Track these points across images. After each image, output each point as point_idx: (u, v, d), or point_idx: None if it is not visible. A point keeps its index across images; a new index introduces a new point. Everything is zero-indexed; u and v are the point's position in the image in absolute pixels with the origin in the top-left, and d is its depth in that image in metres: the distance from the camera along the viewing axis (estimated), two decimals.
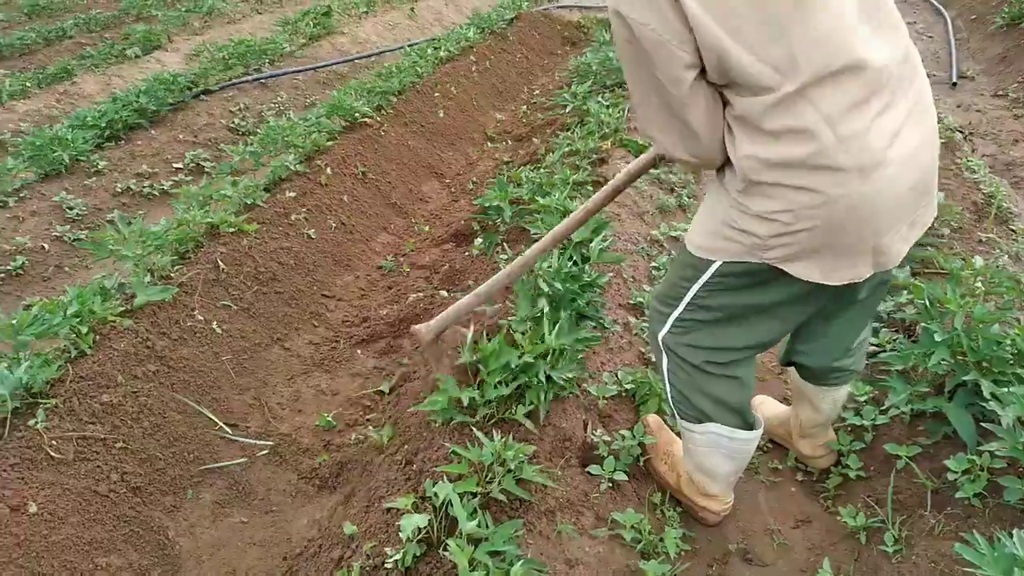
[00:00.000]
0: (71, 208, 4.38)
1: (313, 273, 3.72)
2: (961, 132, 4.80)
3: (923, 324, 2.28)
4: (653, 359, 2.20)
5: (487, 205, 3.70)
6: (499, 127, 5.98)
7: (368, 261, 4.05)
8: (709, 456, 1.99)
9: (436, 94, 5.77)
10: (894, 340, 2.61)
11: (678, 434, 2.19)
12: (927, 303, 2.36)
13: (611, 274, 3.10)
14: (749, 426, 1.95)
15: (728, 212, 1.57)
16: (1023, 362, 2.13)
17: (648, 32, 1.37)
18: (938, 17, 8.44)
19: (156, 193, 4.80)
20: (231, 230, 3.57)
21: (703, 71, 1.42)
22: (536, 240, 2.62)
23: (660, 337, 1.85)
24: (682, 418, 1.96)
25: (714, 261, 1.65)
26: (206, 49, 6.68)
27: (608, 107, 4.72)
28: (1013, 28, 6.75)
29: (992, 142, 4.87)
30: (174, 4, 9.18)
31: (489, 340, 2.42)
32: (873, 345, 2.64)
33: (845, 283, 1.55)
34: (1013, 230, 3.28)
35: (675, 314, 1.78)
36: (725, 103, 1.48)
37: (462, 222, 4.23)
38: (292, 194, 4.00)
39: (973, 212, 3.37)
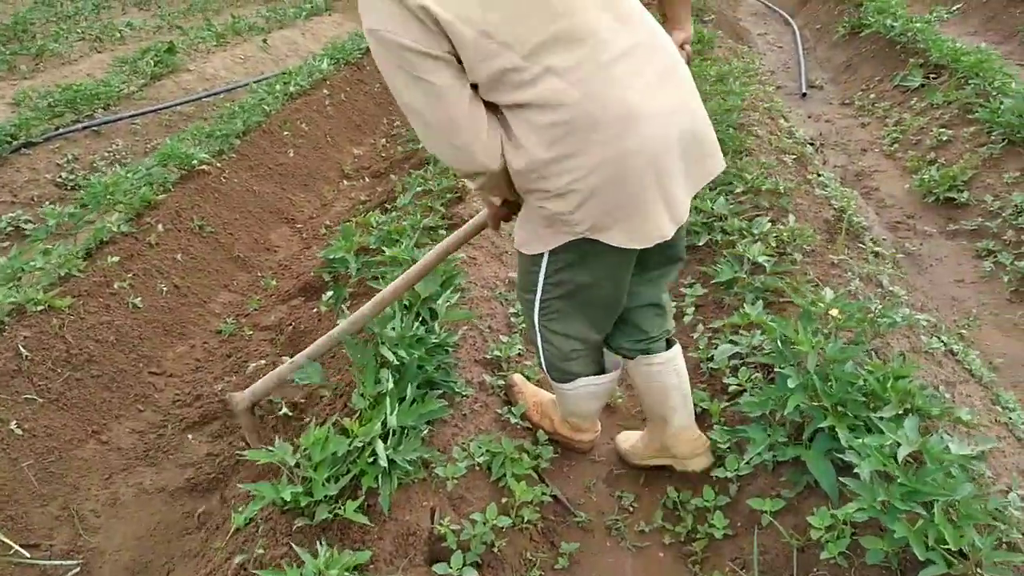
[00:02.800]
0: None
1: (139, 348, 3.34)
2: (812, 144, 4.87)
3: (777, 368, 2.16)
4: (529, 338, 2.43)
5: (332, 257, 3.42)
6: (356, 163, 5.69)
7: (205, 326, 3.69)
8: (579, 402, 2.31)
9: (286, 132, 5.43)
10: (752, 379, 2.49)
11: (537, 383, 2.72)
12: (779, 343, 2.25)
13: (465, 327, 2.88)
14: (603, 370, 2.24)
15: (535, 210, 1.72)
16: (878, 403, 2.04)
17: (410, 44, 1.48)
18: (787, 27, 8.73)
19: None
20: (39, 308, 3.15)
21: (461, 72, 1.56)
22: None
23: (535, 319, 2.03)
24: (556, 381, 2.21)
25: (543, 253, 1.81)
26: (28, 96, 6.08)
27: None
28: (854, 37, 7.02)
29: (842, 152, 4.97)
30: None
31: (319, 424, 2.16)
32: (733, 383, 2.53)
33: (654, 243, 1.69)
34: (862, 245, 3.27)
35: (538, 296, 1.95)
36: (494, 110, 1.63)
37: (311, 274, 3.93)
38: (115, 259, 3.60)
39: (824, 232, 3.34)
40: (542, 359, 2.16)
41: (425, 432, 2.26)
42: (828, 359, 2.15)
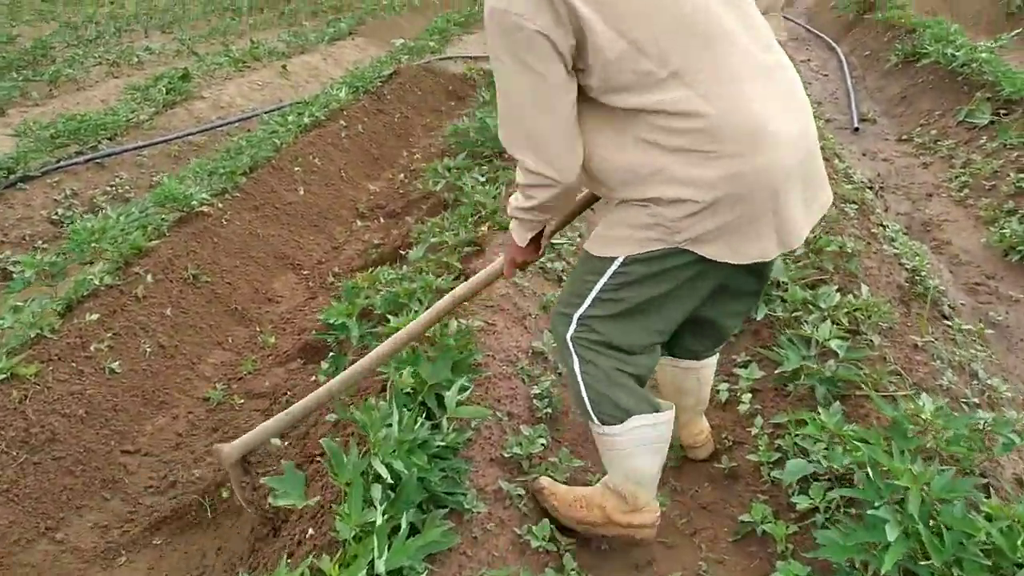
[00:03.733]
0: None
1: (112, 422, 2.95)
2: (871, 187, 4.39)
3: (870, 512, 1.70)
4: (563, 370, 2.16)
5: (332, 322, 3.01)
6: (372, 201, 5.31)
7: (192, 392, 3.30)
8: (635, 457, 1.97)
9: (296, 168, 5.07)
10: (829, 501, 2.02)
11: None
12: (868, 472, 1.79)
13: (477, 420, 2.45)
14: (658, 408, 1.94)
15: (627, 212, 1.66)
16: (1004, 564, 1.57)
17: (536, 29, 1.47)
18: (831, 53, 8.26)
19: None
20: (0, 377, 2.78)
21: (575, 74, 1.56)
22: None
23: (568, 337, 1.85)
24: (603, 423, 1.92)
25: (616, 257, 1.70)
26: (30, 127, 5.79)
27: (485, 183, 4.12)
28: (908, 66, 6.53)
29: (904, 197, 4.48)
30: (12, 70, 8.21)
31: (290, 557, 1.73)
32: (806, 499, 2.07)
33: (753, 261, 1.62)
34: (948, 322, 2.79)
35: (579, 312, 1.81)
36: (602, 112, 1.60)
37: (314, 333, 3.53)
38: (95, 316, 3.22)
39: (899, 300, 2.87)
40: (583, 391, 1.89)
41: (425, 574, 1.82)
42: (935, 494, 1.69)
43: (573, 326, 1.83)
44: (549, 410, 2.68)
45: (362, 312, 3.05)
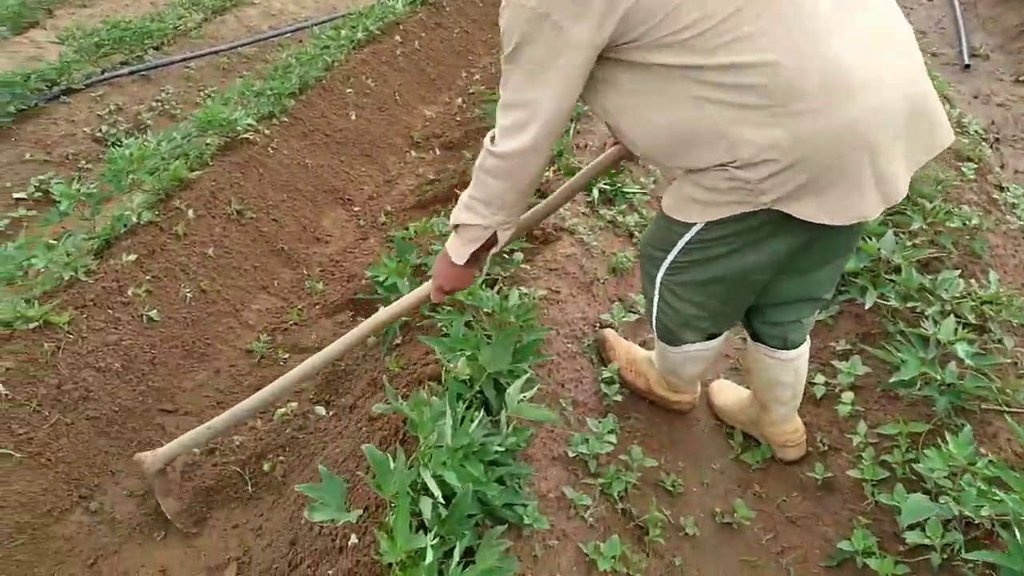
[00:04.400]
0: None
1: (149, 377, 2.77)
2: (985, 139, 3.90)
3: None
4: (643, 294, 2.09)
5: (377, 278, 2.75)
6: (427, 128, 4.96)
7: (235, 343, 3.10)
8: (682, 365, 2.11)
9: (348, 90, 4.73)
10: (950, 542, 1.73)
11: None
12: (1017, 535, 1.49)
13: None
14: (716, 336, 2.01)
15: (702, 176, 1.51)
16: None
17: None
18: None
19: None
20: (31, 326, 2.60)
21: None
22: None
23: (659, 278, 1.82)
24: (661, 340, 2.03)
25: (694, 224, 1.62)
26: (72, 34, 5.51)
27: None
28: None
29: None
30: None
31: None
32: (919, 535, 1.79)
33: (851, 222, 1.46)
34: None
35: (670, 258, 1.74)
36: (648, 74, 1.45)
37: (363, 281, 3.28)
38: (132, 257, 3.01)
39: None
40: (653, 317, 1.96)
41: None
42: None
43: (664, 269, 1.79)
44: (619, 397, 2.41)
45: (415, 270, 2.78)
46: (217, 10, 6.52)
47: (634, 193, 3.46)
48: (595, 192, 3.36)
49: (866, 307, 2.43)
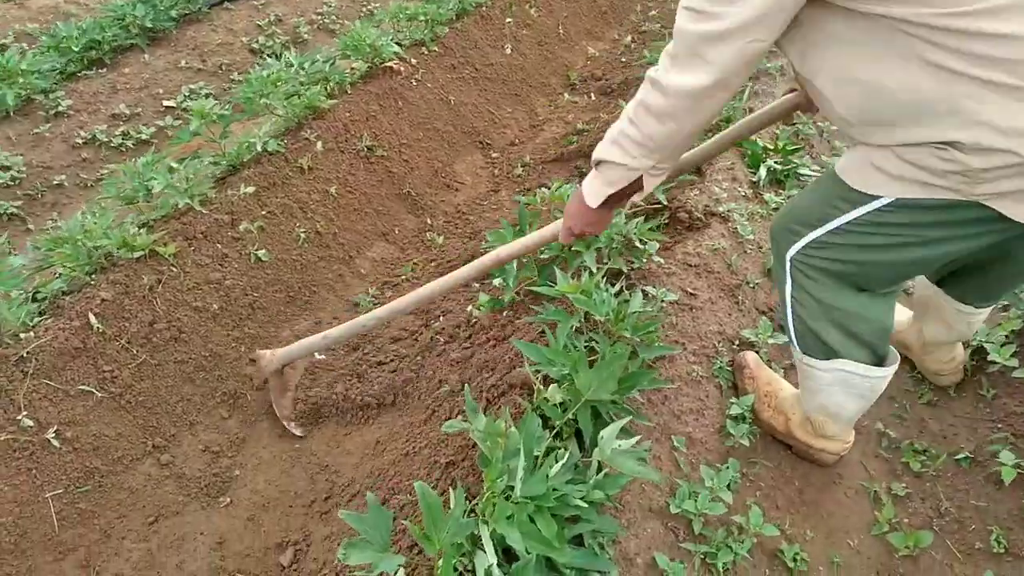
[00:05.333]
0: (5, 169, 3.43)
1: (245, 323, 2.64)
2: None
3: None
4: (774, 286, 1.95)
5: (492, 246, 2.44)
6: (588, 67, 4.51)
7: (342, 292, 2.92)
8: (834, 395, 1.75)
9: (508, 20, 4.35)
10: None
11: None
12: None
13: (641, 434, 1.84)
14: (882, 360, 1.69)
15: (910, 151, 1.29)
16: None
17: None
18: None
19: (130, 144, 3.78)
20: (135, 256, 2.51)
21: None
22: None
23: (789, 256, 1.60)
24: (805, 352, 1.72)
25: (880, 196, 1.37)
26: None
27: None
28: None
29: None
30: None
31: None
32: None
33: None
34: None
35: (814, 235, 1.51)
36: (870, 24, 1.22)
37: (484, 242, 2.99)
38: (251, 189, 2.87)
39: None
40: (789, 319, 1.69)
41: None
42: None
43: (799, 245, 1.56)
44: (747, 440, 2.00)
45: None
46: None
47: (811, 175, 2.92)
48: (762, 170, 2.86)
49: None
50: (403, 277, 2.98)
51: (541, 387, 1.73)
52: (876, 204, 1.40)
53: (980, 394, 2.16)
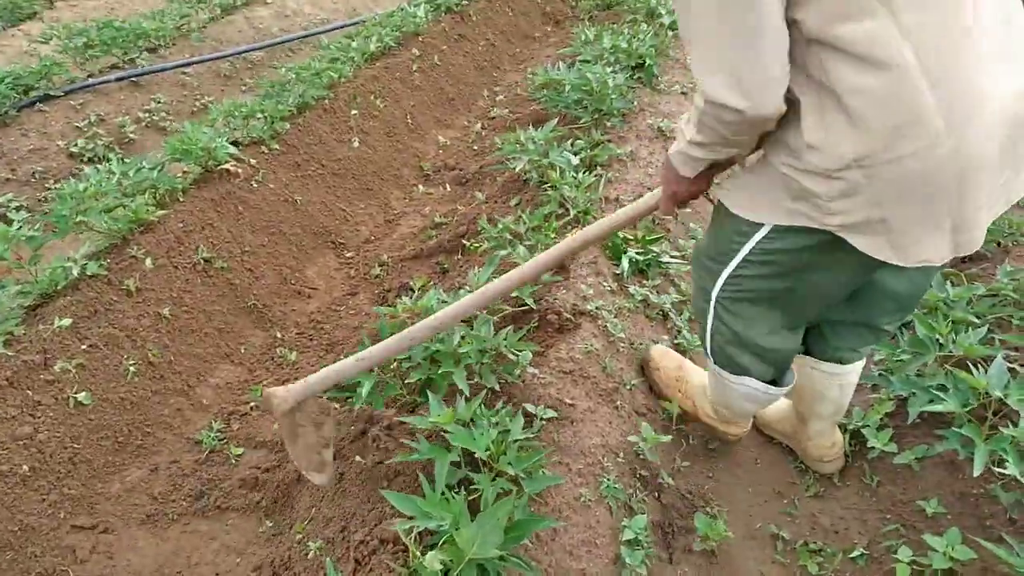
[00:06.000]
0: None
1: (64, 482, 2.24)
2: None
3: None
4: (692, 311, 2.13)
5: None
6: (441, 156, 4.41)
7: (181, 430, 2.57)
8: (738, 401, 1.93)
9: (353, 112, 4.19)
10: None
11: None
12: None
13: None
14: (782, 383, 1.86)
15: (778, 172, 1.35)
16: None
17: None
18: None
19: None
20: None
21: None
22: None
23: (714, 295, 1.67)
24: (718, 364, 1.86)
25: (762, 224, 1.45)
26: (58, 33, 5.03)
27: (579, 166, 3.16)
28: None
29: None
30: None
31: None
32: None
33: (914, 265, 1.31)
34: None
35: (728, 271, 1.60)
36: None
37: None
38: (66, 321, 2.50)
39: None
40: (707, 337, 1.81)
41: None
42: None
43: (720, 283, 1.64)
44: (643, 567, 1.85)
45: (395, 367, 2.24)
46: (227, 9, 6.03)
47: (671, 263, 2.90)
48: (624, 262, 2.80)
49: None
50: (252, 403, 2.68)
51: (416, 552, 1.51)
52: (761, 232, 1.47)
53: (864, 482, 2.13)
